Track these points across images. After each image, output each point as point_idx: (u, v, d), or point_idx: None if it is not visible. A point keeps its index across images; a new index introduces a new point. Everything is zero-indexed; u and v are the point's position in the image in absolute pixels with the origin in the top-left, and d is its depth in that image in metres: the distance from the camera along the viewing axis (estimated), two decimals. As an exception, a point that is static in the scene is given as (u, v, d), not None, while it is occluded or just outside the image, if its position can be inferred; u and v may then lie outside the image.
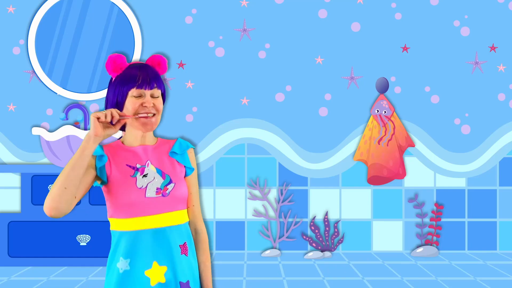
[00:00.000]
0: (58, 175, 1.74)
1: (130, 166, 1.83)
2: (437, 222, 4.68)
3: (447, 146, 4.69)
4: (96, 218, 4.30)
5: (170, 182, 1.84)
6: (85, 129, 4.50)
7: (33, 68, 4.55)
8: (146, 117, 1.81)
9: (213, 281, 1.96)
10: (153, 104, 1.83)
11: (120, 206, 1.81)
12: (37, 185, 4.38)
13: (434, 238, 4.66)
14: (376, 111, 4.62)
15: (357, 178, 4.72)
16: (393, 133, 4.59)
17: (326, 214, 4.70)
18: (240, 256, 4.58)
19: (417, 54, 4.67)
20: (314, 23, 4.67)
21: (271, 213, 4.70)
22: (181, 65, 4.64)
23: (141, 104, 1.80)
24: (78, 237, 4.33)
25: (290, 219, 4.70)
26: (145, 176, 1.82)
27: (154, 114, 1.83)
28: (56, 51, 4.56)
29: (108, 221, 1.91)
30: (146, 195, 1.80)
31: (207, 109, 4.66)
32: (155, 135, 1.96)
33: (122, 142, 1.90)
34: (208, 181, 4.70)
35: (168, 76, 4.64)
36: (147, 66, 1.87)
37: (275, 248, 4.67)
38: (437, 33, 4.66)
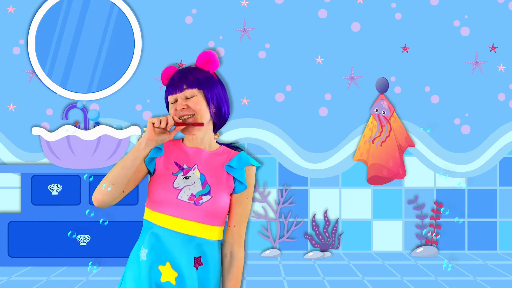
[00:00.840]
0: (58, 175, 1.75)
1: (176, 164, 1.81)
2: (437, 221, 4.67)
3: (447, 146, 4.69)
4: (96, 218, 4.30)
5: (208, 193, 1.79)
6: (85, 129, 4.50)
7: (33, 68, 4.55)
8: (196, 124, 1.77)
9: None
10: (186, 105, 1.79)
11: (153, 198, 1.80)
12: (37, 185, 4.38)
13: (434, 238, 4.65)
14: (375, 110, 4.62)
15: (357, 178, 4.71)
16: (388, 136, 4.58)
17: (326, 211, 4.70)
18: None
19: (417, 54, 4.67)
20: (314, 23, 4.67)
21: (271, 214, 4.70)
22: (181, 65, 4.61)
23: (175, 109, 1.79)
24: (78, 237, 4.33)
25: (291, 219, 4.69)
26: (186, 178, 1.80)
27: (193, 115, 1.79)
28: (56, 51, 4.56)
29: (108, 221, 1.91)
30: (178, 197, 1.78)
31: None
32: (218, 139, 1.93)
33: (182, 141, 1.87)
34: None
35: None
36: (185, 70, 1.84)
37: (275, 248, 4.67)
38: (437, 33, 4.66)
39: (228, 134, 4.65)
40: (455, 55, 4.67)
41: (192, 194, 1.78)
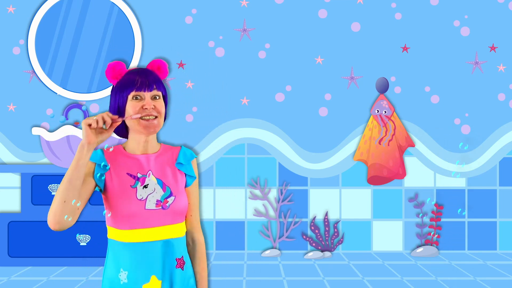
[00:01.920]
0: (57, 175, 1.73)
1: (130, 175, 1.79)
2: (437, 222, 4.67)
3: (447, 146, 4.68)
4: (96, 218, 4.29)
5: (171, 195, 1.80)
6: (85, 129, 4.47)
7: (33, 68, 4.55)
8: (147, 120, 1.76)
9: (209, 283, 1.94)
10: (154, 106, 1.79)
11: (119, 217, 1.77)
12: (37, 185, 4.38)
13: (434, 238, 4.65)
14: (376, 111, 4.62)
15: (357, 178, 4.71)
16: (394, 134, 4.58)
17: (326, 214, 4.70)
18: (240, 256, 4.57)
19: (417, 54, 4.67)
20: (314, 23, 4.66)
21: (271, 212, 4.70)
22: (181, 65, 4.64)
23: (142, 107, 1.77)
24: (78, 237, 4.33)
25: (290, 219, 4.70)
26: (145, 187, 1.78)
27: (156, 117, 1.79)
28: (56, 51, 4.56)
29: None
30: (146, 207, 1.76)
31: (207, 109, 4.66)
32: (158, 140, 1.92)
33: (124, 148, 1.85)
34: (208, 181, 4.69)
35: (168, 76, 4.57)
36: (146, 70, 1.84)
37: (275, 248, 4.67)
38: (437, 33, 4.66)
39: (228, 134, 4.66)
40: (455, 55, 4.67)
41: (157, 200, 1.78)
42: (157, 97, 1.81)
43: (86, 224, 4.31)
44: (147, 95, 1.79)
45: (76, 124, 4.51)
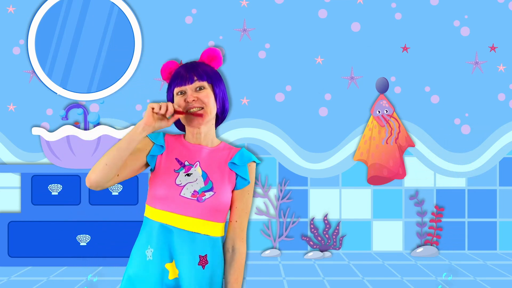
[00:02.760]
0: (57, 175, 1.74)
1: (178, 161, 1.80)
2: (438, 224, 4.68)
3: (447, 146, 4.69)
4: (96, 218, 4.30)
5: (211, 190, 1.78)
6: (85, 129, 4.50)
7: (33, 68, 4.55)
8: (196, 114, 1.77)
9: None
10: (197, 97, 1.79)
11: (155, 196, 1.79)
12: (37, 185, 4.37)
13: (434, 238, 4.66)
14: (378, 112, 4.62)
15: (357, 178, 4.71)
16: (399, 131, 4.60)
17: (326, 215, 4.70)
18: None
19: (417, 54, 4.67)
20: (314, 23, 4.67)
21: (272, 211, 4.70)
22: (182, 63, 4.62)
23: (185, 101, 1.78)
24: (78, 237, 4.33)
25: (289, 219, 4.70)
26: (188, 175, 1.79)
27: (202, 108, 1.80)
28: (56, 51, 4.55)
29: (108, 221, 1.90)
30: (181, 194, 1.77)
31: None
32: (217, 136, 1.93)
33: (184, 137, 1.86)
34: None
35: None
36: (192, 63, 1.86)
37: (275, 248, 4.67)
38: (437, 33, 4.66)
39: (228, 134, 4.65)
40: (455, 55, 4.67)
41: (195, 191, 1.78)
42: (201, 88, 1.81)
43: (86, 224, 4.31)
44: (188, 88, 1.80)
45: (76, 124, 4.51)
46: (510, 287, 3.80)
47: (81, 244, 4.33)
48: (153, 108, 1.69)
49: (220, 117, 1.95)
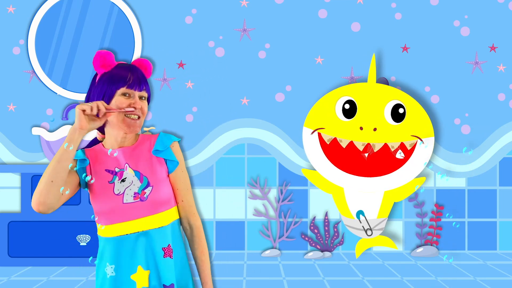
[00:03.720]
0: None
1: (108, 171, 1.81)
2: (437, 223, 4.66)
3: (447, 146, 4.67)
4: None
5: (148, 185, 1.81)
6: (85, 129, 4.48)
7: (33, 68, 4.54)
8: (132, 112, 1.79)
9: (214, 283, 1.92)
10: (141, 106, 1.83)
11: (100, 213, 1.81)
12: (37, 185, 4.35)
13: (434, 238, 4.65)
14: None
15: (357, 178, 4.67)
16: None
17: (326, 214, 4.69)
18: (240, 256, 4.56)
19: (417, 54, 4.66)
20: (314, 23, 4.66)
21: (271, 212, 4.68)
22: (180, 65, 4.63)
23: (129, 105, 1.79)
24: (78, 237, 4.32)
25: (290, 219, 4.69)
26: (123, 180, 1.81)
27: (139, 117, 1.83)
28: (56, 51, 4.55)
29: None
30: (124, 201, 1.80)
31: (207, 109, 4.65)
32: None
33: (103, 146, 1.87)
34: (208, 181, 4.68)
35: (168, 76, 4.63)
36: (136, 68, 1.85)
37: (275, 248, 4.66)
38: (437, 33, 4.66)
39: (228, 134, 4.65)
40: (455, 55, 4.66)
41: (135, 193, 1.81)
42: (144, 98, 1.84)
43: (86, 224, 4.31)
44: (136, 94, 1.81)
45: None
46: (510, 287, 3.79)
47: (81, 244, 4.33)
48: (84, 110, 1.68)
49: None
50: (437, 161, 4.67)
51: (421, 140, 4.47)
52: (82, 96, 4.58)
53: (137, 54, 4.59)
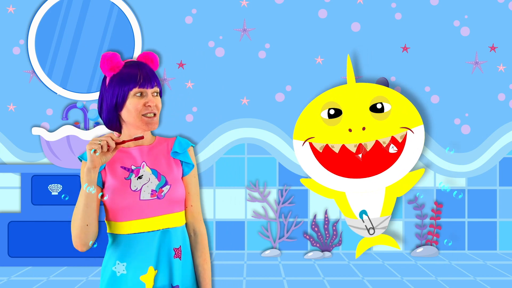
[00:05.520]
0: (57, 175, 1.72)
1: (124, 168, 1.80)
2: (437, 222, 4.66)
3: (447, 146, 4.67)
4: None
5: (166, 184, 1.81)
6: (85, 128, 4.50)
7: (33, 68, 4.54)
8: (138, 139, 1.76)
9: (212, 283, 1.93)
10: (155, 103, 1.82)
11: (115, 210, 1.80)
12: (37, 185, 4.38)
13: (434, 238, 4.65)
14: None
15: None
16: None
17: (326, 213, 4.69)
18: (240, 256, 4.57)
19: (417, 54, 4.66)
20: (314, 23, 4.66)
21: (271, 214, 4.69)
22: (181, 65, 4.63)
23: (144, 104, 1.78)
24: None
25: (291, 219, 4.69)
26: (140, 178, 1.80)
27: (155, 114, 1.82)
28: (56, 51, 4.55)
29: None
30: (141, 198, 1.78)
31: (207, 109, 4.66)
32: (153, 134, 1.93)
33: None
34: (208, 181, 4.68)
35: (168, 76, 4.63)
36: (144, 64, 1.83)
37: (275, 248, 4.66)
38: (437, 33, 4.66)
39: (228, 134, 4.66)
40: (455, 55, 4.66)
41: (152, 190, 1.80)
42: (157, 94, 1.84)
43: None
44: (149, 91, 1.80)
45: (76, 124, 4.51)
46: (510, 287, 3.79)
47: (81, 244, 4.32)
48: (94, 151, 1.67)
49: None
50: (437, 161, 4.66)
51: (411, 130, 4.46)
52: (82, 96, 4.58)
53: (137, 54, 4.56)
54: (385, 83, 4.60)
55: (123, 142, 1.73)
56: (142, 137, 1.77)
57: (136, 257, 1.79)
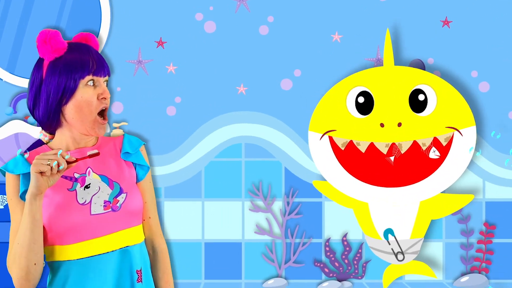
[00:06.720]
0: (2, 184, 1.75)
1: (66, 178, 1.74)
2: (487, 245, 4.12)
3: (497, 146, 4.17)
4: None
5: (121, 192, 1.78)
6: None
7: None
8: (93, 156, 1.69)
9: None
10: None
11: (60, 230, 1.70)
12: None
13: (483, 264, 4.10)
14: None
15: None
16: None
17: (345, 235, 4.18)
18: (236, 287, 4.15)
19: (461, 29, 4.16)
20: (330, -10, 4.12)
21: (276, 229, 4.15)
22: (160, 43, 4.09)
23: (98, 97, 1.80)
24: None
25: (298, 240, 4.17)
26: (87, 187, 1.75)
27: (105, 117, 1.85)
28: (0, 27, 4.03)
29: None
30: (92, 212, 1.73)
31: (193, 100, 4.14)
32: None
33: (51, 148, 1.83)
34: (195, 191, 4.16)
35: (144, 58, 4.14)
36: (91, 47, 1.86)
37: (280, 277, 4.14)
38: (487, 3, 4.15)
39: (221, 131, 4.17)
40: (510, 32, 4.17)
41: (105, 201, 1.74)
42: (106, 83, 1.88)
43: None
44: (101, 80, 1.83)
45: (26, 119, 4.04)
46: None
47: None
48: (41, 173, 1.59)
49: None
50: (486, 165, 4.12)
51: (459, 131, 4.03)
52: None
53: (104, 31, 4.03)
54: (421, 66, 4.07)
55: (77, 160, 1.68)
56: (98, 154, 1.71)
57: (93, 285, 1.70)
